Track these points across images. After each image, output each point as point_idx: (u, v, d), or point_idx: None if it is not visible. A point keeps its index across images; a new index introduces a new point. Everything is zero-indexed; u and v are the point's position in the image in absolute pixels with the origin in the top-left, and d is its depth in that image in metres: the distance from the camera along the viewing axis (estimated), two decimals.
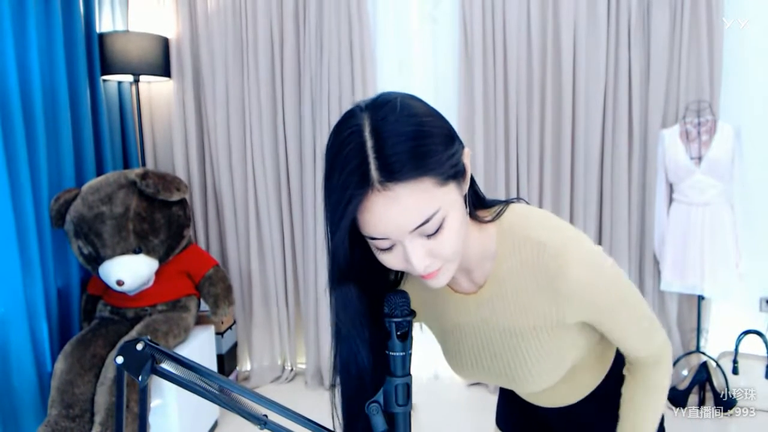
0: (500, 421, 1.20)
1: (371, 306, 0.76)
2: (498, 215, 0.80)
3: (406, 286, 0.86)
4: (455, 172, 0.67)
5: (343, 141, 0.64)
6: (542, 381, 0.87)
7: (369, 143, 0.62)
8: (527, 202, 0.85)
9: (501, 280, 0.80)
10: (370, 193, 0.62)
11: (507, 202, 0.82)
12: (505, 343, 0.85)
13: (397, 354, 0.71)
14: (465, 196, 0.73)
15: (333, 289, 0.74)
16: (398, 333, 0.71)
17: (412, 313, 0.73)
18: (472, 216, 0.78)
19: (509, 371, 0.87)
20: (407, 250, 0.66)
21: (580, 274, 0.74)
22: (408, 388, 0.71)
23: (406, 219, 0.63)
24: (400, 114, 0.64)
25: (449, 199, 0.66)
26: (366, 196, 0.62)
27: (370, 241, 0.68)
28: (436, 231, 0.66)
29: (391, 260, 0.69)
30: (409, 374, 0.72)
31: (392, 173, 0.61)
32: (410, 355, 0.72)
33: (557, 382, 0.90)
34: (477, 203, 0.81)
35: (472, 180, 0.78)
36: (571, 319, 0.78)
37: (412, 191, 0.62)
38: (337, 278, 0.72)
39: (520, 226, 0.78)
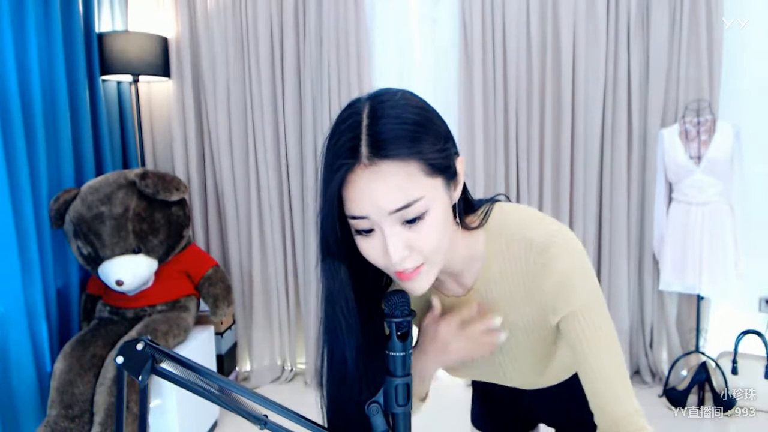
0: (475, 419, 1.21)
1: (358, 294, 0.76)
2: (485, 218, 0.80)
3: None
4: (444, 167, 0.68)
5: (342, 120, 0.67)
6: (532, 375, 0.90)
7: (365, 122, 0.64)
8: (508, 198, 0.86)
9: (490, 282, 0.81)
10: (357, 166, 0.63)
11: (492, 201, 0.82)
12: None
13: (397, 354, 0.71)
14: (454, 205, 0.73)
15: (322, 261, 0.74)
16: (398, 333, 0.71)
17: (412, 313, 0.73)
18: (461, 224, 0.78)
19: (499, 369, 0.90)
20: (385, 235, 0.66)
21: (564, 264, 0.75)
22: (408, 388, 0.71)
23: (388, 198, 0.64)
24: (399, 101, 0.67)
25: (435, 193, 0.67)
26: (353, 169, 0.64)
27: (352, 224, 0.68)
28: (417, 220, 0.66)
29: (369, 248, 0.69)
30: (409, 374, 0.72)
31: (380, 149, 0.63)
32: (410, 355, 0.72)
33: (546, 369, 0.91)
34: (467, 209, 0.81)
35: (464, 188, 0.78)
36: (558, 315, 0.78)
37: (398, 171, 0.63)
38: (325, 252, 0.73)
39: (507, 225, 0.79)
